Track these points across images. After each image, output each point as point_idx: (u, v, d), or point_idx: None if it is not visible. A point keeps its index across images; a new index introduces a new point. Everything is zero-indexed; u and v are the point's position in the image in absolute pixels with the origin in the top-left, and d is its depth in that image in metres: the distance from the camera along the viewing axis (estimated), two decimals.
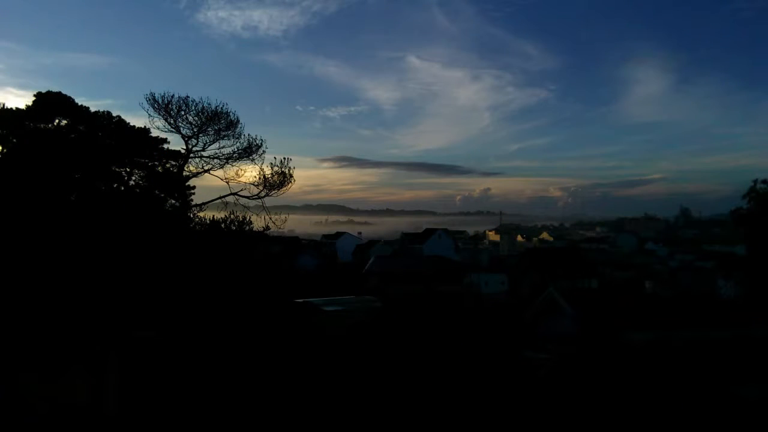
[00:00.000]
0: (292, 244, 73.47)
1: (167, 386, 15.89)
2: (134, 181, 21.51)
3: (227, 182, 21.70)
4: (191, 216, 21.63)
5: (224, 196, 21.92)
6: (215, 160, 21.70)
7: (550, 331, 25.09)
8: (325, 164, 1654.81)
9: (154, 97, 20.31)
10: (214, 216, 21.32)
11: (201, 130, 21.02)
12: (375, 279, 57.04)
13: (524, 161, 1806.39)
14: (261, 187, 21.57)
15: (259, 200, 21.64)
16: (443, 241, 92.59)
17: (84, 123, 20.71)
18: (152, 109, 20.48)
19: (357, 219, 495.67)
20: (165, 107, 20.42)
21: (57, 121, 20.36)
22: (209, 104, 20.80)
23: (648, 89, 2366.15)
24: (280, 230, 23.59)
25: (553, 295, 27.08)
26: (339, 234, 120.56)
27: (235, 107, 34.16)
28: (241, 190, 21.63)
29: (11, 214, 17.03)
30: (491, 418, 15.51)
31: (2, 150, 19.59)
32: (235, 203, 21.77)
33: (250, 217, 21.29)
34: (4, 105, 19.75)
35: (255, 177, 21.52)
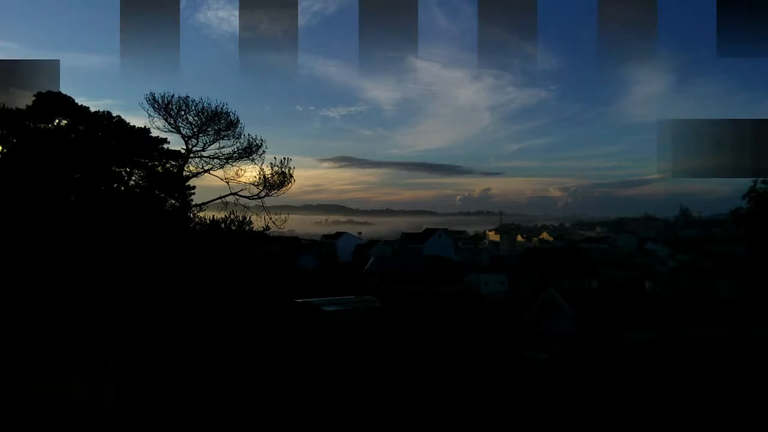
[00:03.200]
0: (292, 244, 73.42)
1: (167, 386, 15.89)
2: (134, 181, 21.50)
3: (227, 182, 21.80)
4: (191, 216, 21.65)
5: (224, 196, 22.01)
6: (215, 160, 21.78)
7: (550, 331, 25.10)
8: (325, 164, 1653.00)
9: (154, 97, 20.38)
10: (214, 216, 21.36)
11: (201, 130, 21.06)
12: (375, 279, 57.04)
13: (524, 161, 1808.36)
14: (261, 187, 21.64)
15: (259, 200, 21.73)
16: (443, 241, 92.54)
17: (84, 123, 20.68)
18: (152, 109, 20.58)
19: (357, 219, 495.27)
20: (165, 107, 20.48)
21: (57, 121, 20.33)
22: (209, 104, 20.90)
23: (648, 89, 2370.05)
24: (280, 230, 23.64)
25: (553, 295, 27.10)
26: (339, 234, 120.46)
27: (235, 107, 34.25)
28: (241, 190, 21.71)
29: (11, 214, 17.03)
30: (491, 418, 15.51)
31: (2, 150, 19.58)
32: (235, 203, 21.85)
33: (250, 217, 21.36)
34: (4, 105, 19.74)
35: (255, 177, 21.62)
